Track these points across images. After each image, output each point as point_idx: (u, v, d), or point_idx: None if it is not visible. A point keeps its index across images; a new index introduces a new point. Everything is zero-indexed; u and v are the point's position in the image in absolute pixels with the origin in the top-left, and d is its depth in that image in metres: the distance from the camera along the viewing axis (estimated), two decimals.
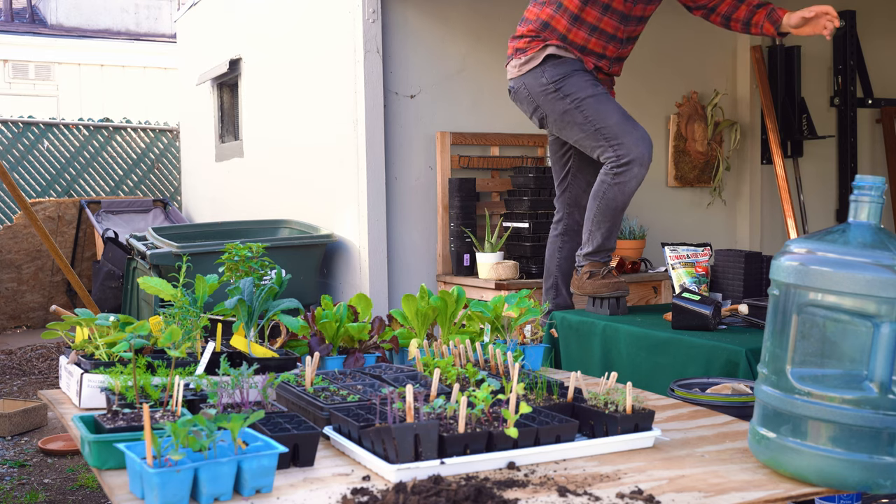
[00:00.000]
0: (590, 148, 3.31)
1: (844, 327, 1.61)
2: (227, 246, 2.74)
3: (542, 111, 3.40)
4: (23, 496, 3.61)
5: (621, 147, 3.18)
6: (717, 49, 5.90)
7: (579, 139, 3.34)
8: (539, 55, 3.34)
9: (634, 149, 3.18)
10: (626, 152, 3.17)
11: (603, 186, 3.27)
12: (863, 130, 6.38)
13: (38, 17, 13.70)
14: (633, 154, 3.17)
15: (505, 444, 1.72)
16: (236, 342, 2.50)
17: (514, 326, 2.69)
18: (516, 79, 3.45)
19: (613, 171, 3.22)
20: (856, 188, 1.71)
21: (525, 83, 3.40)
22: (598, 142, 3.24)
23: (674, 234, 5.63)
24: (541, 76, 3.34)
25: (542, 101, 3.37)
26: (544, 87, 3.33)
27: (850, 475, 1.59)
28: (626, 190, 3.23)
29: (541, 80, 3.34)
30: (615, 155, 3.20)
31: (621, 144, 3.19)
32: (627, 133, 3.19)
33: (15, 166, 8.62)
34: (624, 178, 3.21)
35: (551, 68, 3.33)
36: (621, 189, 3.23)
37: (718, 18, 3.45)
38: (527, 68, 3.38)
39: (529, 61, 3.37)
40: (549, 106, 3.35)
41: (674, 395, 2.39)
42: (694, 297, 3.03)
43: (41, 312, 7.93)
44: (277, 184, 6.33)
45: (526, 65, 3.38)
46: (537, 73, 3.35)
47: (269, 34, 6.37)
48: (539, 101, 3.38)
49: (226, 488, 1.49)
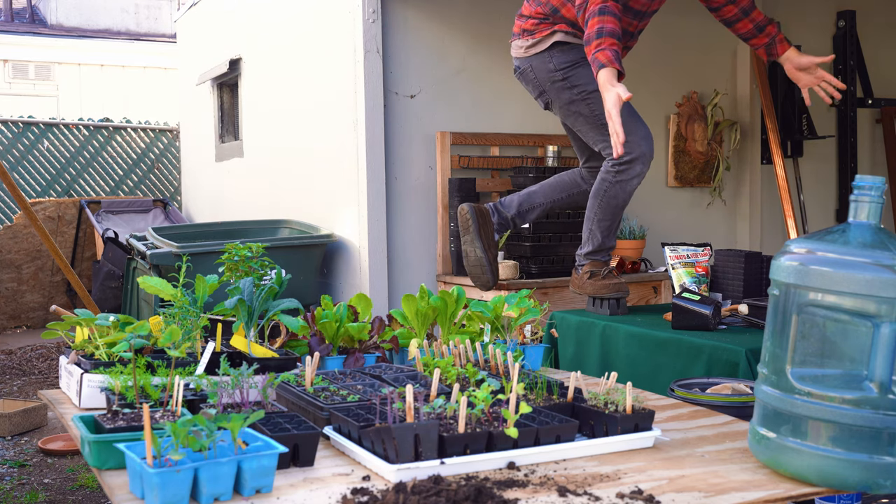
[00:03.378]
0: (593, 141, 3.29)
1: (844, 327, 1.61)
2: (227, 246, 2.73)
3: (547, 96, 3.36)
4: (23, 496, 3.61)
5: (625, 144, 3.08)
6: (717, 49, 5.90)
7: (583, 130, 3.32)
8: (547, 40, 3.28)
9: (638, 147, 3.13)
10: (630, 149, 3.11)
11: (604, 184, 3.24)
12: (863, 130, 6.38)
13: (38, 17, 13.70)
14: (636, 152, 3.13)
15: (505, 444, 1.72)
16: (236, 342, 2.50)
17: (514, 326, 2.69)
18: (522, 60, 3.37)
19: (616, 169, 3.18)
20: (856, 188, 1.71)
21: (532, 65, 3.33)
22: (603, 137, 3.21)
23: (674, 234, 5.63)
24: (548, 61, 3.28)
25: (548, 88, 3.32)
26: (551, 74, 3.28)
27: (850, 475, 1.59)
28: (628, 188, 3.21)
29: (548, 65, 3.28)
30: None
31: (626, 142, 3.08)
32: (632, 131, 3.11)
33: (15, 166, 8.62)
34: (626, 176, 3.18)
35: (559, 55, 3.27)
36: (623, 187, 3.21)
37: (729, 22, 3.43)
38: (533, 51, 3.32)
39: (537, 44, 3.30)
40: (556, 93, 3.31)
41: (674, 395, 2.39)
42: (694, 297, 3.03)
43: (41, 312, 7.93)
44: (277, 184, 6.33)
45: (533, 48, 3.32)
46: (545, 57, 3.29)
47: (269, 34, 6.37)
48: (545, 86, 3.33)
49: (226, 488, 1.49)
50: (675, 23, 5.66)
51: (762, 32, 3.35)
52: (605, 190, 3.24)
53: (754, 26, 3.35)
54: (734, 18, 3.37)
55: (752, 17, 3.35)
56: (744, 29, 3.37)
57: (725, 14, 3.38)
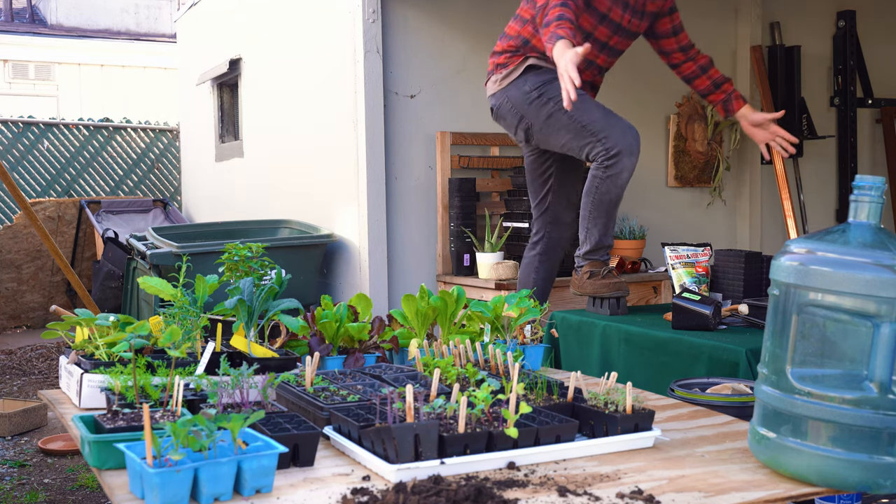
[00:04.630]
0: (577, 148, 3.33)
1: (844, 327, 1.61)
2: (227, 246, 2.73)
3: (527, 121, 3.42)
4: (23, 496, 3.61)
5: (608, 139, 3.19)
6: (717, 49, 5.89)
7: (566, 142, 3.35)
8: (520, 67, 3.40)
9: (622, 139, 3.19)
10: (613, 143, 3.19)
11: (595, 181, 3.28)
12: (863, 130, 6.38)
13: (38, 17, 13.70)
14: (621, 144, 3.19)
15: (505, 444, 1.72)
16: (236, 342, 2.50)
17: (514, 326, 2.69)
18: (498, 94, 3.48)
19: (604, 165, 3.23)
20: (856, 188, 1.71)
21: (508, 96, 3.44)
22: (586, 139, 3.26)
23: (674, 234, 5.63)
24: (523, 85, 3.38)
25: (526, 110, 3.40)
26: (527, 95, 3.37)
27: (850, 475, 1.59)
28: (619, 182, 3.25)
29: (523, 88, 3.38)
30: (604, 148, 3.21)
31: (608, 137, 3.20)
32: (613, 126, 3.22)
33: (15, 166, 8.62)
34: (615, 170, 3.22)
35: (533, 76, 3.37)
36: (614, 181, 3.24)
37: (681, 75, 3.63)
38: (508, 81, 3.43)
39: (511, 73, 3.42)
40: (534, 112, 3.38)
41: (674, 395, 2.39)
42: (694, 297, 3.03)
43: (41, 312, 7.93)
44: (277, 184, 6.33)
45: (507, 78, 3.43)
46: (519, 82, 3.40)
47: (269, 34, 6.38)
48: (523, 110, 3.40)
49: (226, 488, 1.49)
50: None
51: (718, 89, 3.53)
52: (597, 187, 3.28)
53: (711, 83, 3.54)
54: (692, 75, 3.56)
55: (709, 73, 3.54)
56: (701, 85, 3.56)
57: (684, 70, 3.57)
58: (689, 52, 3.55)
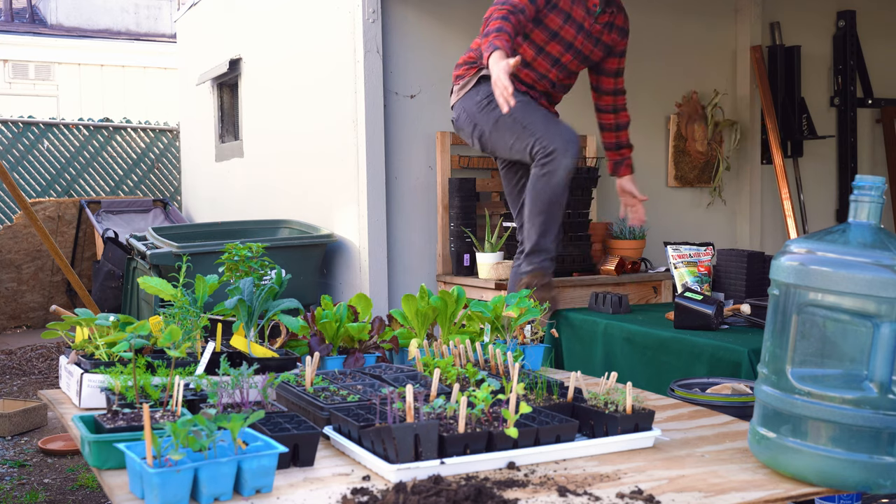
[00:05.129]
0: (521, 149, 3.47)
1: (844, 327, 1.61)
2: (227, 246, 2.73)
3: (480, 127, 3.59)
4: (23, 496, 3.61)
5: (545, 139, 3.37)
6: (717, 49, 5.89)
7: (512, 143, 3.50)
8: (474, 78, 3.61)
9: (558, 139, 3.36)
10: (548, 143, 3.35)
11: (532, 179, 3.44)
12: (863, 130, 6.38)
13: (38, 17, 13.70)
14: (555, 143, 3.35)
15: (505, 444, 1.72)
16: (236, 342, 2.50)
17: (514, 326, 2.69)
18: (456, 105, 3.70)
19: (541, 163, 3.39)
20: (856, 188, 1.71)
21: (464, 107, 3.64)
22: (527, 139, 3.42)
23: (674, 234, 5.62)
24: (476, 94, 3.59)
25: (478, 118, 3.58)
26: (479, 103, 3.56)
27: (850, 475, 1.59)
28: (553, 181, 3.36)
29: (476, 97, 3.59)
30: (541, 146, 3.37)
31: (545, 136, 3.38)
32: (551, 127, 3.42)
33: (15, 166, 8.62)
34: (549, 168, 3.36)
35: (485, 86, 3.54)
36: (548, 180, 3.37)
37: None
38: (463, 91, 3.64)
39: (466, 84, 3.64)
40: (485, 118, 3.55)
41: (674, 395, 2.39)
42: (696, 296, 3.03)
43: (41, 312, 7.93)
44: (277, 184, 6.33)
45: (463, 89, 3.65)
46: (472, 93, 3.61)
47: (269, 34, 6.37)
48: (476, 118, 3.59)
49: (226, 488, 1.49)
50: (675, 23, 5.66)
51: (617, 151, 3.85)
52: (533, 185, 3.43)
53: (616, 142, 3.85)
54: (607, 127, 3.86)
55: (619, 134, 3.84)
56: (608, 139, 3.87)
57: (603, 119, 3.86)
58: (618, 98, 3.80)
